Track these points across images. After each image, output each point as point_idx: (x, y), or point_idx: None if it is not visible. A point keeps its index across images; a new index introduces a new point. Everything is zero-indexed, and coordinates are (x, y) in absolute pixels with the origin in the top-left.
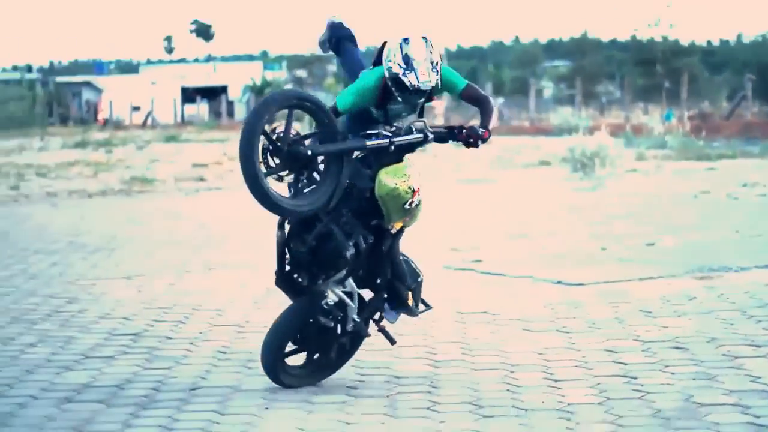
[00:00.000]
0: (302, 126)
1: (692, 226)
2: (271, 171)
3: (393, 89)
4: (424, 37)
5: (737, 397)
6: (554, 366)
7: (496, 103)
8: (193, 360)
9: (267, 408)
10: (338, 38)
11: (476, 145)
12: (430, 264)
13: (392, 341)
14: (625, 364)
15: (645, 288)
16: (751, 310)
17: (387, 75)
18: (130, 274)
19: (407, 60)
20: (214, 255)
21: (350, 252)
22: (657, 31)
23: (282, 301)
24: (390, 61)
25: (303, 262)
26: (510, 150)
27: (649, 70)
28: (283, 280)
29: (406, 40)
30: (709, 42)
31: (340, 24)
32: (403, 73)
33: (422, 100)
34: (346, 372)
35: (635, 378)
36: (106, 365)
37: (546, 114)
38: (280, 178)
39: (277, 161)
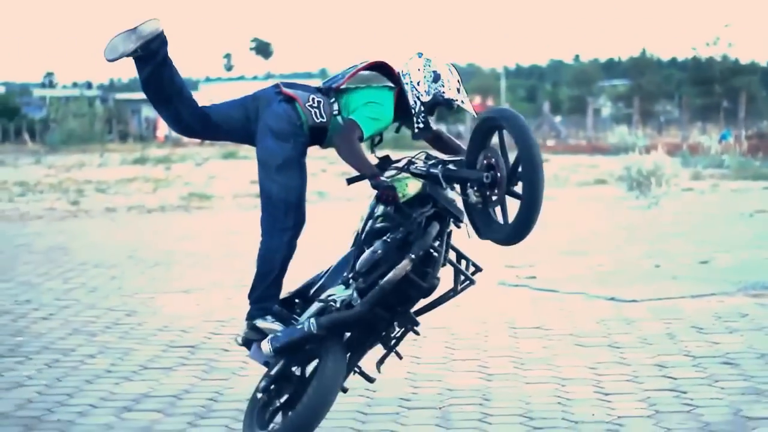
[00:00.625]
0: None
1: (746, 245)
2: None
3: (421, 113)
4: (428, 58)
5: None
6: (605, 380)
7: (547, 120)
8: (250, 372)
9: None
10: None
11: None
12: (485, 280)
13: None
14: (675, 378)
15: (697, 305)
16: None
17: (431, 99)
18: (189, 288)
19: (451, 84)
20: None
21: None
22: (716, 50)
23: None
24: (442, 85)
25: (412, 297)
26: (566, 168)
27: (708, 90)
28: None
29: (429, 59)
30: None
31: None
32: (462, 101)
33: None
34: (399, 384)
35: (685, 392)
36: (165, 376)
37: (603, 133)
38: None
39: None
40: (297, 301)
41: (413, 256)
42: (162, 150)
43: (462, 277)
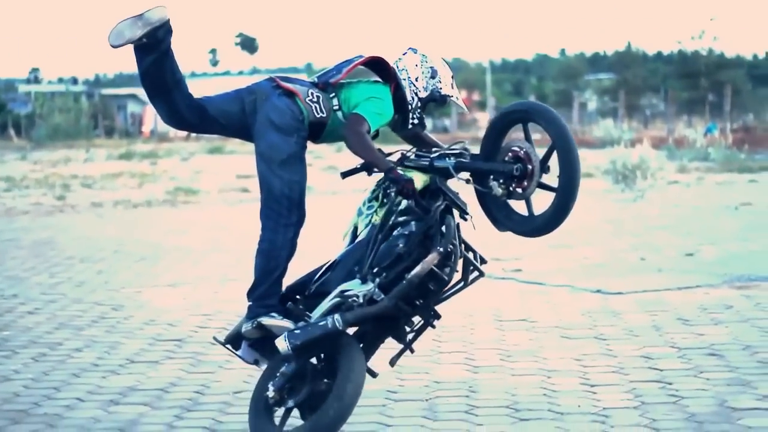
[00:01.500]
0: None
1: (732, 237)
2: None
3: (418, 108)
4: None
5: None
6: (591, 372)
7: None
8: (237, 365)
9: None
10: None
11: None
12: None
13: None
14: (661, 370)
15: (683, 297)
16: None
17: (428, 95)
18: (175, 282)
19: (447, 80)
20: None
21: None
22: (701, 43)
23: None
24: (439, 81)
25: (432, 290)
26: (553, 161)
27: (693, 83)
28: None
29: (424, 55)
30: (755, 55)
31: None
32: (456, 97)
33: None
34: (386, 376)
35: (670, 383)
36: (151, 369)
37: (589, 126)
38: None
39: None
40: (297, 297)
41: (441, 249)
42: (148, 145)
43: (471, 269)
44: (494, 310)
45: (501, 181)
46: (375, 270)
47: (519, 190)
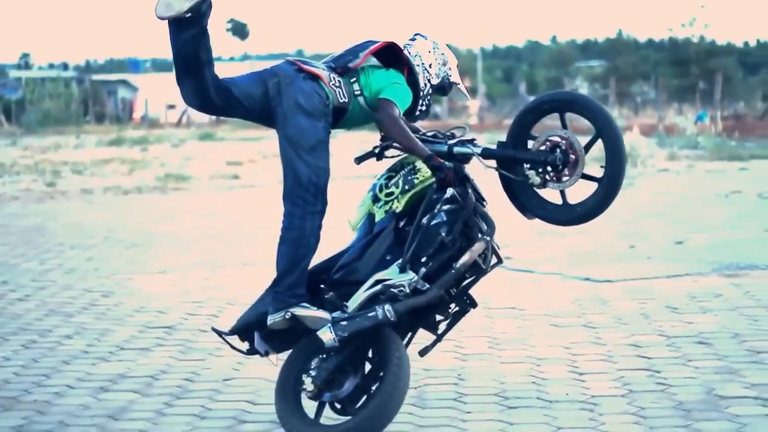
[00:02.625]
0: None
1: (722, 225)
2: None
3: (428, 95)
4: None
5: (758, 390)
6: (579, 360)
7: (524, 101)
8: (226, 352)
9: None
10: None
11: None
12: None
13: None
14: (650, 358)
15: (672, 285)
16: None
17: (439, 82)
18: (165, 269)
19: (454, 67)
20: (248, 251)
21: None
22: (692, 31)
23: None
24: (450, 69)
25: (468, 278)
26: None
27: (684, 71)
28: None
29: (435, 42)
30: (746, 43)
31: None
32: (461, 84)
33: None
34: None
35: (659, 372)
36: (141, 357)
37: None
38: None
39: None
40: (321, 286)
41: (488, 238)
42: (138, 131)
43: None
44: (483, 298)
45: (540, 170)
46: (419, 259)
47: (558, 180)
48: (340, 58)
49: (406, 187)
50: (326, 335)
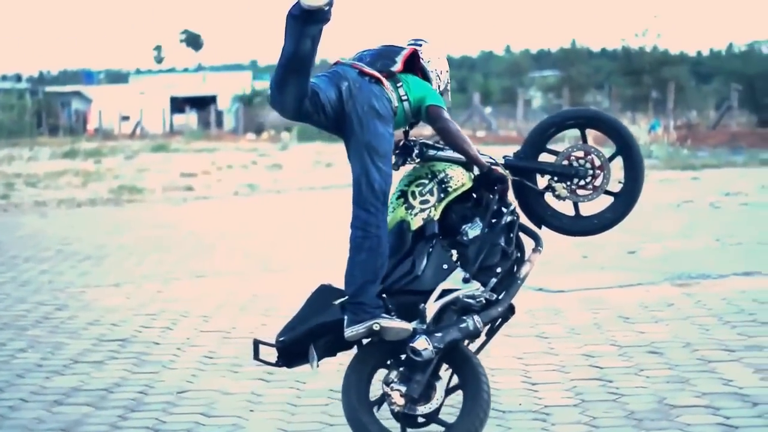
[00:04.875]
0: None
1: (674, 235)
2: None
3: None
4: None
5: (709, 399)
6: (532, 370)
7: (477, 111)
8: (180, 364)
9: (252, 410)
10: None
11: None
12: None
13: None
14: (602, 368)
15: (624, 295)
16: (727, 316)
17: (442, 89)
18: (119, 282)
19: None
20: (202, 263)
21: None
22: (645, 41)
23: (269, 308)
24: (449, 74)
25: None
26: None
27: (637, 80)
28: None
29: (436, 48)
30: (699, 52)
31: None
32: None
33: None
34: (329, 375)
35: (611, 381)
36: (95, 370)
37: (533, 123)
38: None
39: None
40: (383, 295)
41: (541, 249)
42: (92, 143)
43: None
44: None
45: (567, 183)
46: (485, 270)
47: (583, 193)
48: (375, 62)
49: (442, 195)
50: (423, 345)
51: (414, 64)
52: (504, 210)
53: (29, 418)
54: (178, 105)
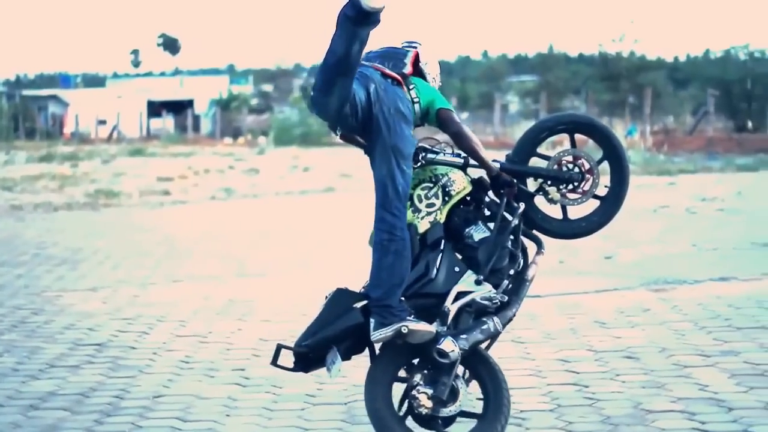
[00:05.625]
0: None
1: (650, 240)
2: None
3: None
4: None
5: (684, 404)
6: (508, 375)
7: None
8: (157, 369)
9: (228, 415)
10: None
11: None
12: None
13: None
14: (578, 372)
15: (600, 300)
16: (702, 321)
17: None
18: (96, 286)
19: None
20: (178, 267)
21: None
22: (622, 46)
23: (245, 312)
24: (440, 80)
25: None
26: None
27: (614, 86)
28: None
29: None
30: (676, 58)
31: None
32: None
33: None
34: (304, 380)
35: (587, 386)
36: (71, 374)
37: (511, 128)
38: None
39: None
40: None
41: (544, 251)
42: (69, 147)
43: None
44: None
45: (560, 186)
46: (496, 272)
47: (573, 197)
48: (384, 63)
49: (446, 198)
50: (450, 346)
51: (416, 67)
52: (511, 214)
53: (5, 423)
54: (155, 109)
